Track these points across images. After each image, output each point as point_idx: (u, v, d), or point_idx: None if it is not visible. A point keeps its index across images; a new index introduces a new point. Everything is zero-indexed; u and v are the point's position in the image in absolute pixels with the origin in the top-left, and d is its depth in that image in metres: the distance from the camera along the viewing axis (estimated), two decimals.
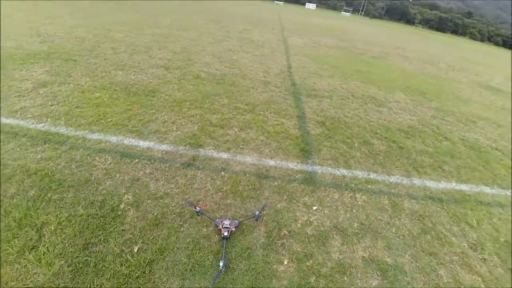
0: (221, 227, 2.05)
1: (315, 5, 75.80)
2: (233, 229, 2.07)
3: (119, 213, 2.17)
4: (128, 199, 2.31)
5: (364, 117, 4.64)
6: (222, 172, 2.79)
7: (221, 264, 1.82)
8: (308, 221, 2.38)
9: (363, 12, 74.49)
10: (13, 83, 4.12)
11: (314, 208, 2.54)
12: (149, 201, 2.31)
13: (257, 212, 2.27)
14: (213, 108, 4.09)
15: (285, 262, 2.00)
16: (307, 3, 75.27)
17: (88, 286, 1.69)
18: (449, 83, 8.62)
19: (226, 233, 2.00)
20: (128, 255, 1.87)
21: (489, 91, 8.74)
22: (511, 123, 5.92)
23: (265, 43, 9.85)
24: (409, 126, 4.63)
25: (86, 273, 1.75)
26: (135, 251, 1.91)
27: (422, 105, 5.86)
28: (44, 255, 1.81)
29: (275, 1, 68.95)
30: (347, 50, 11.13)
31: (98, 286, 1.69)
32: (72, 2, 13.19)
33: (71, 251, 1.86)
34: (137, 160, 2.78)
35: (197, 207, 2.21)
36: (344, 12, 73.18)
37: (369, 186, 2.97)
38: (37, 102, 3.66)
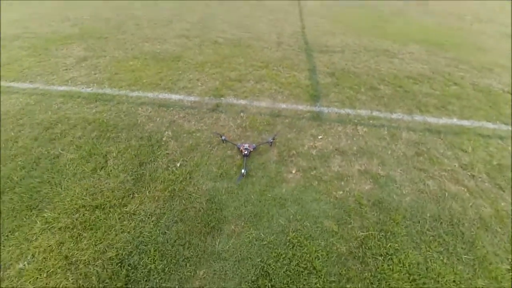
0: (242, 148, 2.59)
1: None
2: (252, 150, 2.61)
3: (163, 143, 2.79)
4: (169, 134, 2.91)
5: (374, 67, 4.85)
6: (242, 113, 3.31)
7: (243, 170, 2.38)
8: (314, 146, 2.87)
9: None
10: (58, 60, 4.83)
11: (319, 137, 3.00)
12: (184, 135, 2.91)
13: (270, 139, 2.78)
14: (231, 67, 4.54)
15: (293, 171, 2.53)
16: None
17: (146, 187, 2.33)
18: (472, 35, 8.23)
19: (246, 152, 2.55)
20: (173, 168, 2.49)
21: None
22: None
23: (280, 8, 9.87)
24: (419, 73, 4.78)
25: (143, 180, 2.39)
26: (178, 165, 2.52)
27: (437, 55, 5.86)
28: (111, 171, 2.48)
29: None
30: (364, 7, 10.79)
31: (153, 187, 2.32)
32: None
33: (130, 168, 2.51)
34: (171, 108, 3.37)
35: (222, 136, 2.76)
36: None
37: (371, 121, 3.35)
38: (82, 73, 4.33)
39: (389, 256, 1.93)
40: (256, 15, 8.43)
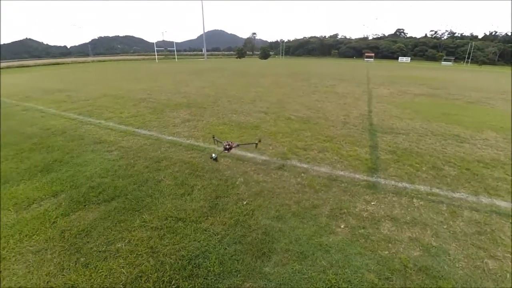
0: (225, 144, 3.63)
1: (409, 58, 73.60)
2: (234, 146, 3.55)
3: (235, 186, 3.50)
4: (241, 180, 3.64)
5: (440, 150, 4.93)
6: (302, 174, 3.86)
7: (213, 155, 3.36)
8: (365, 209, 3.12)
9: (469, 60, 66.87)
10: (169, 119, 6.59)
11: (372, 203, 3.25)
12: (253, 183, 3.58)
13: (256, 141, 3.58)
14: (299, 138, 5.33)
15: (342, 226, 2.81)
16: (400, 57, 73.93)
17: (218, 214, 2.95)
18: None
19: (227, 147, 3.66)
20: (240, 205, 3.10)
21: None
22: None
23: (349, 94, 10.95)
24: (492, 159, 4.62)
25: (217, 208, 3.04)
26: (244, 203, 3.13)
27: None
28: (195, 197, 3.23)
29: (365, 59, 70.62)
30: (437, 96, 10.96)
31: (222, 215, 2.92)
32: (196, 72, 17.88)
33: (209, 198, 3.22)
34: (246, 162, 4.19)
35: (214, 137, 3.67)
36: (445, 62, 67.19)
37: (429, 197, 3.42)
38: (185, 130, 5.79)
39: None
40: (327, 100, 9.58)
